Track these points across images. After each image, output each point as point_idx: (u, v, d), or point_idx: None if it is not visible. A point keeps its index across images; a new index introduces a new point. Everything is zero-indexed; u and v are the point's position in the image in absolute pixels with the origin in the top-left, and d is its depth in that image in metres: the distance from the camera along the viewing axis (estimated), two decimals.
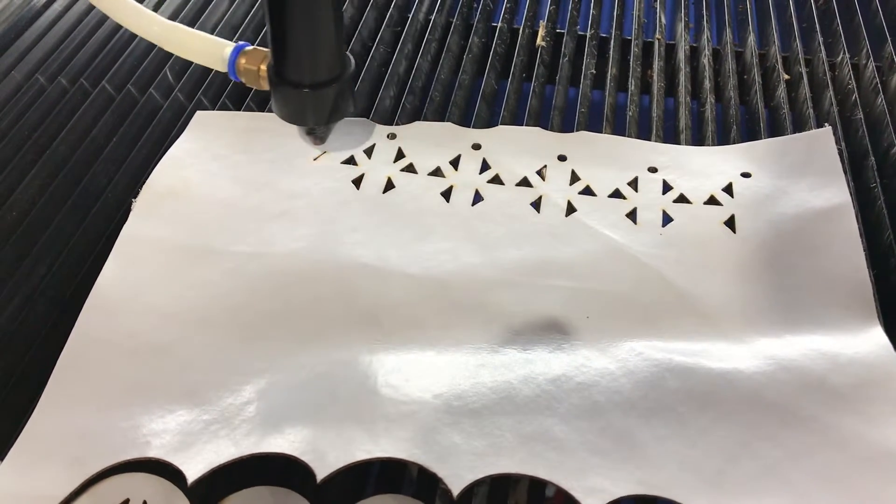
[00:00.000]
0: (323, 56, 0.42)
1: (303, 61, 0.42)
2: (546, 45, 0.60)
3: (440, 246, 0.45)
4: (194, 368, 0.40)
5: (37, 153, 0.52)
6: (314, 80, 0.42)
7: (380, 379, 0.38)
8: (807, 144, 0.49)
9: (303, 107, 0.44)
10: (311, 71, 0.42)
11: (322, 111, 0.44)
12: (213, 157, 0.50)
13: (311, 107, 0.44)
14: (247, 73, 0.46)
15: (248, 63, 0.45)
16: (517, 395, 0.37)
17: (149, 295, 0.43)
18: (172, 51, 0.48)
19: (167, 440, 0.37)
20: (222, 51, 0.46)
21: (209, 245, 0.45)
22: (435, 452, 0.35)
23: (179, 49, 0.47)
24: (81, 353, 0.41)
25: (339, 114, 0.45)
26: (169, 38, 0.47)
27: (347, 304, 0.42)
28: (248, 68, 0.46)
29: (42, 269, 0.45)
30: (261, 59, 0.45)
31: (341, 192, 0.48)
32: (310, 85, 0.42)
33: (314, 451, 0.35)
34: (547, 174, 0.49)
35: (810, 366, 0.38)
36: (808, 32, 0.61)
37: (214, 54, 0.46)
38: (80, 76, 0.57)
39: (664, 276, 0.43)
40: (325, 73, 0.42)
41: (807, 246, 0.44)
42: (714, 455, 0.35)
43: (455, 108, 0.55)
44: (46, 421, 0.38)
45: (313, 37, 0.41)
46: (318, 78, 0.42)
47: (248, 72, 0.46)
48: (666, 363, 0.38)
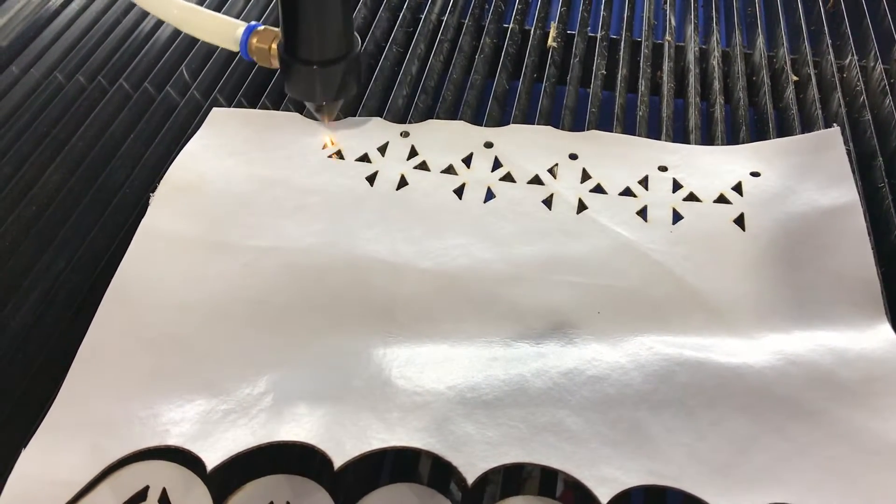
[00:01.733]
0: (332, 34, 0.44)
1: (312, 39, 0.44)
2: (557, 46, 0.61)
3: (453, 242, 0.46)
4: (212, 359, 0.41)
5: (55, 149, 0.53)
6: (323, 58, 0.45)
7: (394, 370, 0.39)
8: (815, 144, 0.50)
9: (312, 83, 0.46)
10: (321, 48, 0.45)
11: (331, 87, 0.47)
12: (228, 154, 0.51)
13: (320, 83, 0.46)
14: (258, 51, 0.48)
15: (260, 42, 0.48)
16: (530, 387, 0.38)
17: (167, 287, 0.44)
18: (189, 31, 0.51)
19: (186, 429, 0.37)
20: (235, 31, 0.49)
21: (225, 239, 0.46)
22: (449, 442, 0.36)
23: (195, 30, 0.51)
24: (101, 343, 0.41)
25: (347, 91, 0.47)
26: (186, 19, 0.50)
27: (362, 298, 0.43)
28: (259, 47, 0.48)
29: (61, 263, 0.46)
30: (272, 38, 0.48)
31: (355, 188, 0.49)
32: (319, 62, 0.45)
33: (331, 440, 0.36)
34: (558, 172, 0.50)
35: (819, 361, 0.39)
36: (817, 35, 0.62)
37: (227, 34, 0.49)
38: (98, 74, 0.58)
39: (674, 273, 0.44)
40: (334, 51, 0.45)
41: (815, 244, 0.44)
42: (723, 447, 0.36)
43: (467, 107, 0.55)
44: (67, 409, 0.39)
45: (322, 15, 0.43)
46: (326, 55, 0.45)
47: (259, 50, 0.48)
48: (676, 357, 0.39)
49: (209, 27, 0.50)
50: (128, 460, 0.37)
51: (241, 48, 0.49)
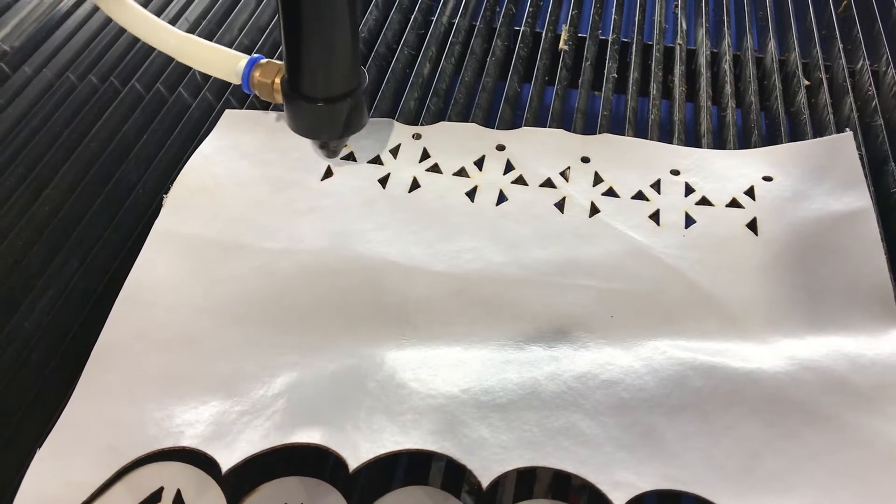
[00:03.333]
0: (338, 70, 0.41)
1: (317, 75, 0.41)
2: (568, 49, 0.61)
3: (465, 245, 0.46)
4: (226, 361, 0.41)
5: (68, 149, 0.53)
6: (329, 95, 0.42)
7: (408, 373, 0.39)
8: (828, 149, 0.50)
9: (317, 121, 0.43)
10: (326, 85, 0.42)
11: (336, 125, 0.43)
12: (241, 155, 0.51)
13: (325, 121, 0.43)
14: (261, 86, 0.46)
15: (263, 76, 0.46)
16: (543, 391, 0.38)
17: (180, 289, 0.44)
18: (188, 63, 0.48)
19: (200, 430, 0.37)
20: (236, 64, 0.47)
21: (239, 241, 0.46)
22: (464, 445, 0.36)
23: (194, 61, 0.48)
24: (115, 344, 0.41)
25: (353, 128, 0.44)
26: (184, 50, 0.48)
27: (375, 301, 0.43)
28: (262, 81, 0.46)
29: (75, 263, 0.46)
30: (275, 72, 0.45)
31: (368, 190, 0.49)
32: (324, 99, 0.42)
33: (346, 442, 0.36)
34: (570, 175, 0.50)
35: (832, 366, 0.39)
36: (828, 39, 0.62)
37: (229, 67, 0.47)
38: (110, 75, 0.58)
39: (687, 277, 0.44)
40: (340, 88, 0.42)
41: (828, 249, 0.44)
42: (738, 452, 0.36)
43: (479, 109, 0.55)
44: (81, 410, 0.39)
45: (329, 51, 0.40)
46: (332, 92, 0.42)
47: (262, 85, 0.46)
48: (690, 362, 0.39)
49: (208, 58, 0.47)
50: (142, 461, 0.37)
51: (242, 82, 0.46)
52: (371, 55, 0.59)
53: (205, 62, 0.48)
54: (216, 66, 0.48)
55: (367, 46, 0.61)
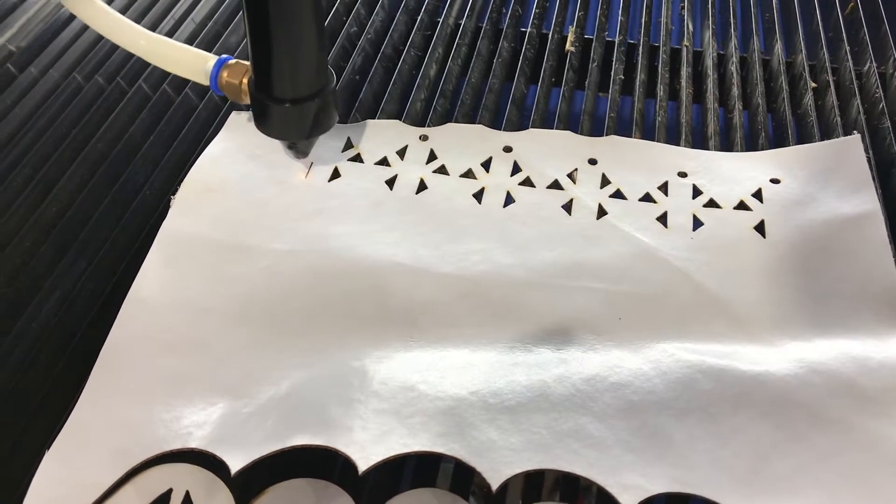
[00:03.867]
0: (304, 71, 0.42)
1: (284, 76, 0.42)
2: (575, 50, 0.61)
3: (473, 246, 0.46)
4: (233, 362, 0.41)
5: (75, 150, 0.53)
6: (295, 95, 0.42)
7: (416, 375, 0.39)
8: (836, 151, 0.49)
9: (284, 122, 0.44)
10: (292, 86, 0.42)
11: (303, 126, 0.44)
12: (248, 157, 0.51)
13: (292, 121, 0.44)
14: (228, 86, 0.46)
15: (230, 77, 0.46)
16: (552, 393, 0.38)
17: (188, 290, 0.44)
18: (157, 64, 0.49)
19: (209, 431, 0.37)
20: (205, 64, 0.47)
21: (246, 242, 0.46)
22: (472, 447, 0.36)
23: (164, 62, 0.49)
24: (122, 346, 0.41)
25: (321, 128, 0.44)
26: (154, 51, 0.48)
27: (382, 302, 0.43)
28: (229, 82, 0.46)
29: (82, 264, 0.46)
30: (242, 72, 0.46)
31: (375, 192, 0.49)
32: (291, 100, 0.42)
33: (354, 444, 0.36)
34: (577, 177, 0.50)
35: (840, 369, 0.39)
36: (835, 41, 0.62)
37: (197, 67, 0.47)
38: (117, 75, 0.58)
39: (695, 280, 0.44)
40: (307, 88, 0.42)
41: (836, 251, 0.44)
42: (746, 454, 0.36)
43: (485, 111, 0.56)
44: (89, 412, 0.39)
45: (294, 51, 0.40)
46: (299, 93, 0.42)
47: (229, 85, 0.46)
48: (698, 365, 0.39)
49: (178, 59, 0.48)
50: (151, 463, 0.37)
51: (210, 82, 0.46)
52: (377, 56, 0.59)
53: (174, 62, 0.48)
54: (185, 66, 0.48)
55: (374, 48, 0.61)
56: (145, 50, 0.49)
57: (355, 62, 0.59)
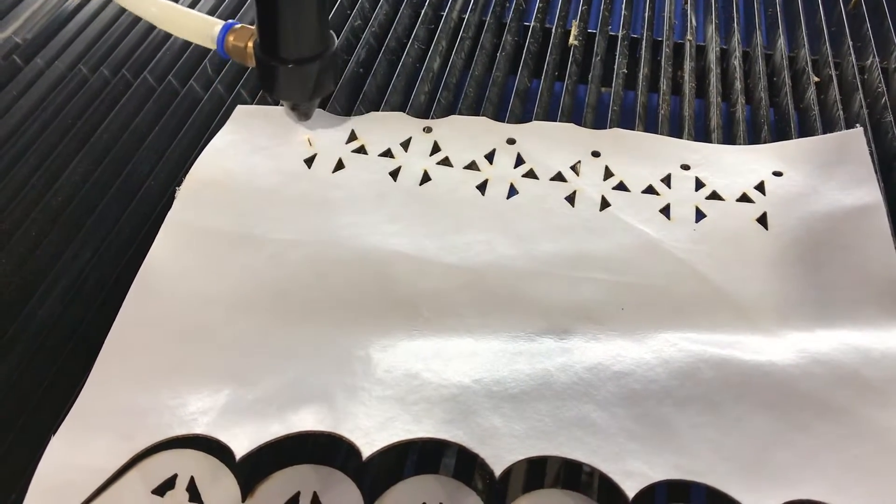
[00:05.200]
0: (306, 32, 0.44)
1: (287, 37, 0.44)
2: (578, 44, 0.61)
3: (476, 237, 0.46)
4: (238, 350, 0.41)
5: (80, 141, 0.53)
6: (298, 56, 0.45)
7: (420, 363, 0.39)
8: (838, 145, 0.50)
9: (287, 82, 0.46)
10: (295, 47, 0.45)
11: (305, 87, 0.46)
12: (253, 149, 0.51)
13: (295, 82, 0.46)
14: (235, 49, 0.48)
15: (236, 40, 0.48)
16: (555, 382, 0.38)
17: (193, 279, 0.44)
18: (166, 29, 0.51)
19: (213, 417, 0.38)
20: (212, 29, 0.49)
21: (251, 232, 0.46)
22: (476, 434, 0.36)
23: (173, 27, 0.51)
24: (128, 333, 0.42)
25: (322, 90, 0.47)
26: (164, 16, 0.50)
27: (386, 292, 0.43)
28: (235, 45, 0.48)
29: (87, 253, 0.46)
30: (248, 36, 0.48)
31: (379, 183, 0.49)
32: (294, 61, 0.45)
33: (358, 430, 0.36)
34: (581, 169, 0.50)
35: (843, 359, 0.39)
36: (838, 36, 0.62)
37: (205, 32, 0.49)
38: (122, 67, 0.59)
39: (698, 271, 0.44)
40: (309, 50, 0.45)
41: (839, 244, 0.44)
42: (749, 443, 0.36)
43: (489, 103, 0.56)
44: (95, 398, 0.39)
45: (297, 13, 0.43)
46: (301, 54, 0.45)
47: (235, 49, 0.48)
48: (700, 354, 0.39)
49: (186, 24, 0.50)
50: (156, 448, 0.37)
51: (217, 46, 0.48)
52: (382, 49, 0.60)
53: (182, 28, 0.50)
54: (193, 31, 0.50)
55: (378, 41, 0.62)
56: (155, 15, 0.51)
57: (359, 55, 0.59)
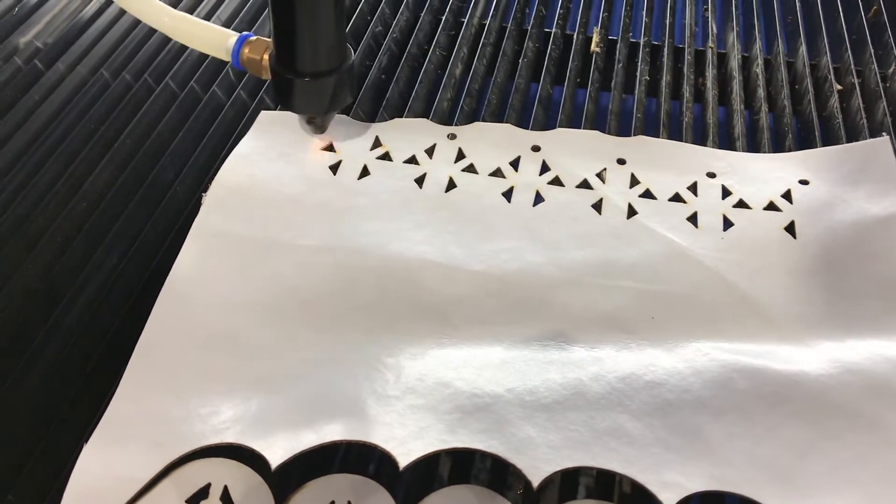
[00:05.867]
0: (323, 46, 0.44)
1: (303, 51, 0.44)
2: (600, 51, 0.61)
3: (503, 245, 0.46)
4: (267, 358, 0.41)
5: (104, 146, 0.53)
6: (315, 70, 0.44)
7: (452, 372, 0.39)
8: (864, 153, 0.50)
9: (303, 96, 0.46)
10: (312, 61, 0.44)
11: (321, 100, 0.46)
12: (278, 155, 0.51)
13: (311, 96, 0.46)
14: (250, 62, 0.48)
15: (252, 53, 0.47)
16: (588, 391, 0.38)
17: (221, 286, 0.44)
18: (180, 40, 0.51)
19: (246, 426, 0.37)
20: (227, 41, 0.48)
21: (277, 238, 0.46)
22: (511, 444, 0.36)
23: (187, 38, 0.50)
24: (157, 341, 0.42)
25: (339, 103, 0.47)
26: (177, 27, 0.50)
27: (414, 299, 0.43)
28: (251, 58, 0.47)
29: (114, 259, 0.46)
30: (263, 48, 0.47)
31: (404, 190, 0.49)
32: (310, 74, 0.44)
33: (393, 439, 0.36)
34: (607, 177, 0.50)
35: (874, 369, 0.39)
36: (859, 44, 0.62)
37: (219, 44, 0.49)
38: (144, 72, 0.59)
39: (727, 280, 0.44)
40: (325, 63, 0.44)
41: (866, 252, 0.44)
42: (783, 453, 0.36)
43: (512, 110, 0.56)
44: (126, 406, 0.39)
45: (314, 28, 0.43)
46: (318, 67, 0.44)
47: (251, 61, 0.48)
48: (733, 364, 0.39)
49: (201, 36, 0.49)
50: (189, 457, 0.37)
51: (232, 58, 0.48)
52: (403, 56, 0.60)
53: (197, 39, 0.50)
54: (208, 43, 0.49)
55: (399, 47, 0.62)
56: (169, 27, 0.50)
57: (381, 61, 0.59)
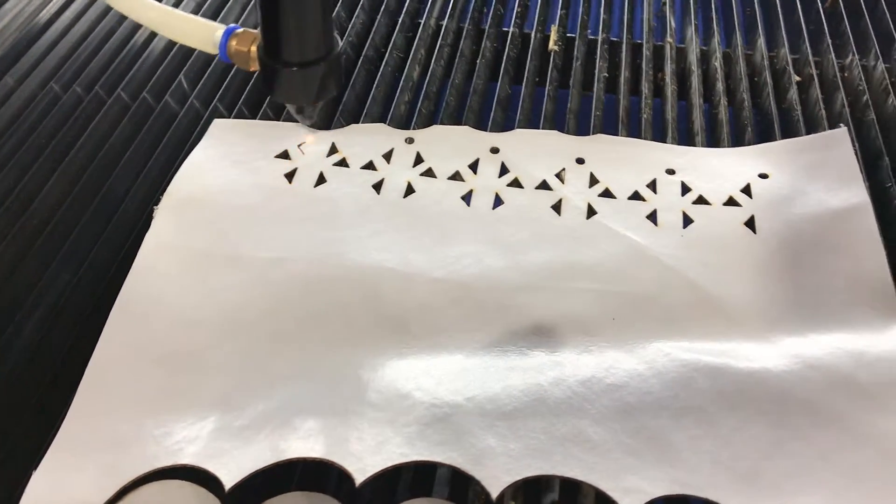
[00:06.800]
0: (311, 35, 0.44)
1: (292, 40, 0.44)
2: (558, 49, 0.61)
3: (463, 250, 0.45)
4: (223, 375, 0.40)
5: (55, 161, 0.52)
6: (303, 59, 0.44)
7: (411, 382, 0.39)
8: (823, 145, 0.49)
9: (292, 85, 0.46)
10: (300, 50, 0.44)
11: (310, 89, 0.46)
12: (232, 164, 0.50)
13: (299, 85, 0.46)
14: (238, 54, 0.47)
15: (239, 45, 0.47)
16: (548, 397, 0.38)
17: (174, 302, 0.43)
18: (167, 35, 0.50)
19: (201, 447, 0.37)
20: (214, 34, 0.48)
21: (233, 251, 0.46)
22: (471, 455, 0.35)
23: (173, 33, 0.50)
24: (110, 361, 0.41)
25: (328, 92, 0.47)
26: (163, 22, 0.49)
27: (374, 309, 0.43)
28: (238, 49, 0.47)
29: (66, 277, 0.45)
30: (251, 40, 0.47)
31: (362, 196, 0.49)
32: (298, 63, 0.44)
33: (350, 455, 0.35)
34: (566, 177, 0.49)
35: (837, 364, 0.39)
36: (817, 34, 0.62)
37: (206, 37, 0.48)
38: (95, 84, 0.57)
39: (688, 278, 0.43)
40: (314, 52, 0.44)
41: (827, 246, 0.44)
42: (747, 454, 0.36)
43: (470, 112, 0.55)
44: (78, 429, 0.38)
45: (302, 16, 0.43)
46: (306, 57, 0.44)
47: (238, 53, 0.47)
48: (694, 363, 0.39)
49: (187, 30, 0.49)
50: (143, 480, 0.36)
51: (220, 51, 0.48)
52: (360, 59, 0.59)
53: (183, 34, 0.49)
54: (194, 37, 0.49)
55: (356, 51, 0.61)
56: (154, 21, 0.49)
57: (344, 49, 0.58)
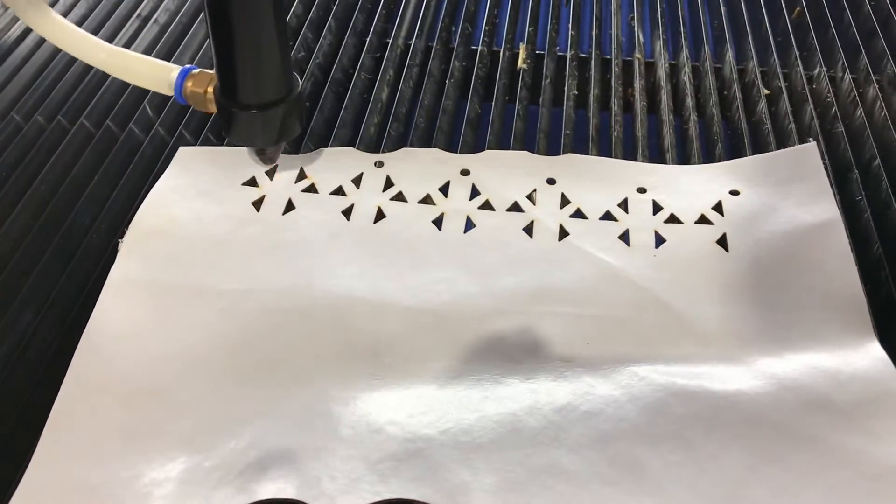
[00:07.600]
0: (269, 76, 0.42)
1: (249, 82, 0.42)
2: (527, 67, 0.60)
3: (435, 275, 0.45)
4: (192, 413, 0.39)
5: (17, 194, 0.51)
6: (262, 101, 0.42)
7: (383, 417, 0.38)
8: (793, 160, 0.49)
9: (251, 128, 0.44)
10: (258, 91, 0.42)
11: (270, 131, 0.44)
12: (198, 194, 0.50)
13: (258, 128, 0.44)
14: (193, 96, 0.45)
15: (195, 86, 0.45)
16: (524, 427, 0.37)
17: (141, 338, 0.42)
18: (119, 76, 0.48)
19: (169, 489, 0.36)
20: (168, 75, 0.46)
21: (200, 284, 0.45)
22: (446, 491, 0.35)
23: (126, 74, 0.47)
24: (75, 401, 0.40)
25: (289, 133, 0.45)
26: (115, 63, 0.47)
27: (345, 340, 0.42)
28: (194, 91, 0.45)
29: (29, 316, 0.44)
30: (207, 81, 0.45)
31: (331, 223, 0.48)
32: (257, 106, 0.42)
33: (324, 496, 0.34)
34: (537, 198, 0.49)
35: (811, 384, 0.38)
36: (784, 47, 0.62)
37: (161, 78, 0.46)
38: (57, 113, 0.56)
39: (661, 299, 0.43)
40: (273, 93, 0.42)
41: (799, 263, 0.44)
42: (724, 480, 0.35)
43: (440, 133, 0.55)
44: (42, 475, 0.37)
45: (258, 56, 0.41)
46: (264, 98, 0.42)
47: (194, 95, 0.45)
48: (669, 387, 0.38)
49: (141, 71, 0.47)
50: None
51: (175, 93, 0.46)
52: (328, 81, 0.58)
53: (136, 75, 0.47)
54: (148, 77, 0.47)
55: (323, 73, 0.60)
56: (106, 63, 0.47)
57: (305, 88, 0.58)
